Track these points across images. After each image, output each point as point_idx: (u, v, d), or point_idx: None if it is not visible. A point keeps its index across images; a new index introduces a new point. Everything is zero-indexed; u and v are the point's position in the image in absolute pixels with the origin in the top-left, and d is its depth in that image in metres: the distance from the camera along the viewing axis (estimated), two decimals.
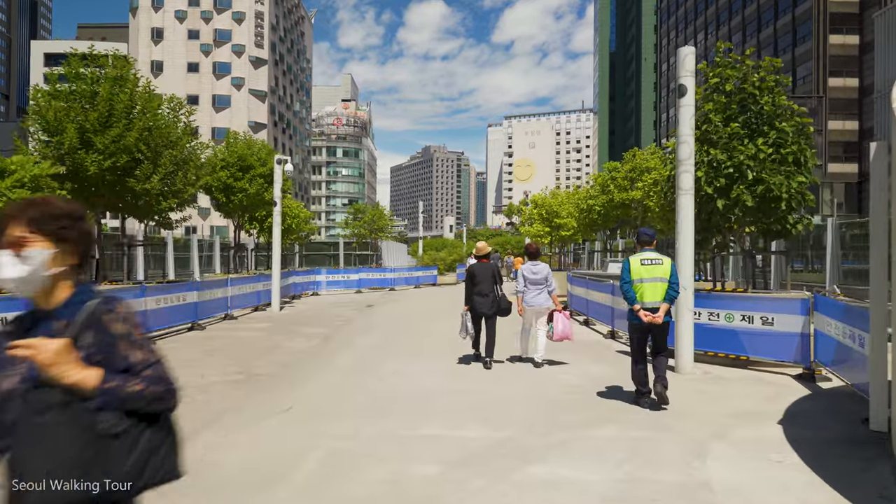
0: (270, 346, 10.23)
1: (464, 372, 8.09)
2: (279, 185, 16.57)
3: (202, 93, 66.63)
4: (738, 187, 8.66)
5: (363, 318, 14.94)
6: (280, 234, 16.59)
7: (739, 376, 7.75)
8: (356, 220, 31.80)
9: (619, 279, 6.27)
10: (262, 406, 6.24)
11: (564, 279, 22.55)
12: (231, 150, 18.84)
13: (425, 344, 10.64)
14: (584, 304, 14.07)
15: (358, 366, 8.52)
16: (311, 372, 8.05)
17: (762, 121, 8.99)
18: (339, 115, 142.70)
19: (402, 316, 15.77)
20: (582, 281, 14.48)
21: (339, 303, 19.63)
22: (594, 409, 6.18)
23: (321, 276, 23.91)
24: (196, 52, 66.91)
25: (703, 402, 6.48)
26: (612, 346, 10.41)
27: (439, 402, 6.43)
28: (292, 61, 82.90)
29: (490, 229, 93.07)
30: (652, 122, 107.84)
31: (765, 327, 7.98)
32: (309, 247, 31.64)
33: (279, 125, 75.08)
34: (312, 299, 21.27)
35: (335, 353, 9.53)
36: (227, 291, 14.67)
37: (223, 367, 8.33)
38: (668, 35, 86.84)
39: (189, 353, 9.64)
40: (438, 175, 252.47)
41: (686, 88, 7.95)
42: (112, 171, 11.86)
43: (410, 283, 28.69)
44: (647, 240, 6.20)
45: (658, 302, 5.94)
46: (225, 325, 13.46)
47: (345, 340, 11.05)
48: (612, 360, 9.06)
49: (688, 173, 7.88)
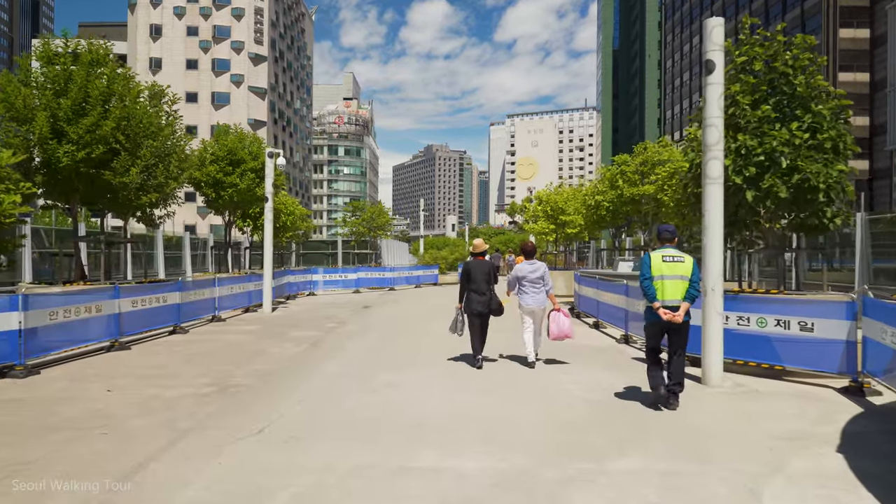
0: (254, 353, 9.37)
1: (464, 382, 7.22)
2: (271, 179, 15.72)
3: (201, 90, 65.82)
4: (770, 177, 7.77)
5: (358, 321, 14.08)
6: (272, 231, 15.75)
7: (776, 389, 6.87)
8: (354, 218, 30.84)
9: (640, 276, 6.05)
10: (230, 426, 5.39)
11: (571, 278, 21.66)
12: (221, 143, 17.95)
13: (422, 348, 9.77)
14: (593, 306, 13.18)
15: (346, 376, 7.65)
16: (293, 383, 7.20)
17: (795, 103, 8.10)
18: (341, 113, 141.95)
19: (399, 318, 14.90)
20: (591, 281, 13.59)
21: (335, 303, 18.79)
22: (613, 428, 5.32)
23: (318, 276, 23.06)
24: (195, 48, 66.09)
25: (742, 422, 5.60)
26: (626, 352, 9.52)
27: (436, 420, 5.57)
28: (292, 58, 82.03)
29: (493, 228, 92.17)
30: (656, 120, 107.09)
31: (803, 333, 7.10)
32: (306, 245, 30.79)
33: (279, 122, 74.22)
34: (308, 300, 20.43)
35: (323, 361, 8.67)
36: (215, 292, 13.83)
37: (198, 377, 7.48)
38: (673, 31, 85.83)
39: (165, 359, 8.80)
40: (441, 174, 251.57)
41: (714, 64, 7.08)
42: (87, 163, 10.97)
43: (411, 282, 27.84)
44: (668, 236, 6.06)
45: (678, 300, 5.79)
46: (211, 327, 12.62)
47: (335, 345, 10.19)
48: (627, 368, 8.19)
49: (716, 160, 6.99)
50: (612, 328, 11.91)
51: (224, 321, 13.70)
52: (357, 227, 29.97)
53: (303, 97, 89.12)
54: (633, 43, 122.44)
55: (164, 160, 12.29)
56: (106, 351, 9.33)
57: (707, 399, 6.46)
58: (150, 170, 11.97)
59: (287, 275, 20.15)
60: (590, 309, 13.76)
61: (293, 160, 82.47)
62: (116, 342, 9.55)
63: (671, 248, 6.00)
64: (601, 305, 12.51)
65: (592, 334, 11.70)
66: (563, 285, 21.45)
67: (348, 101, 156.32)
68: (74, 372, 7.79)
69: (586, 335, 11.54)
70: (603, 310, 12.36)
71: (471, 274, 8.19)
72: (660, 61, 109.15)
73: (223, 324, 13.25)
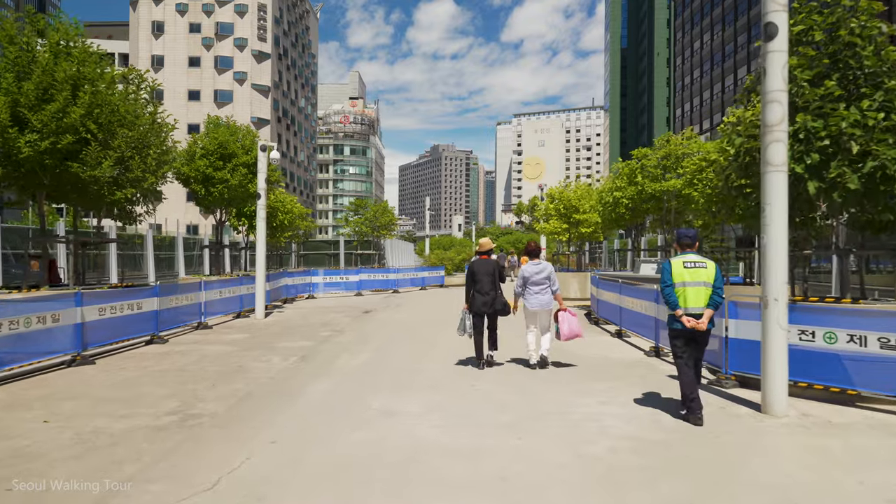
0: (234, 369, 8.22)
1: (475, 409, 6.04)
2: (264, 174, 14.58)
3: (204, 88, 64.79)
4: (837, 164, 6.55)
5: (356, 328, 12.92)
6: (265, 230, 14.60)
7: (851, 420, 5.65)
8: (357, 217, 29.57)
9: (661, 283, 5.86)
10: (180, 476, 4.24)
11: (585, 281, 20.43)
12: (212, 136, 16.80)
13: (426, 363, 8.59)
14: (615, 313, 11.97)
15: (335, 402, 6.48)
16: (270, 412, 6.03)
17: (863, 79, 6.88)
18: (347, 112, 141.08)
19: (401, 324, 13.73)
20: (613, 284, 12.37)
21: (335, 308, 17.64)
22: (667, 479, 4.12)
23: (318, 278, 21.93)
24: (197, 45, 65.04)
25: (828, 470, 4.39)
26: (658, 368, 8.31)
27: (438, 470, 4.39)
28: (297, 56, 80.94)
29: (500, 227, 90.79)
30: (665, 119, 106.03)
31: (884, 352, 5.88)
32: (307, 245, 29.64)
33: (283, 121, 73.08)
34: (306, 303, 19.30)
35: (311, 380, 7.50)
36: (201, 296, 12.72)
37: (160, 401, 6.34)
38: (683, 28, 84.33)
39: (130, 376, 7.67)
40: (447, 174, 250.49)
41: (776, 28, 5.86)
42: (52, 155, 9.83)
43: (416, 284, 26.68)
44: (688, 242, 5.88)
45: (701, 308, 5.63)
46: (194, 336, 11.49)
47: (328, 359, 9.02)
48: (662, 386, 7.01)
49: (779, 143, 5.78)
50: (638, 338, 10.70)
51: (211, 328, 12.58)
52: (360, 227, 28.70)
53: (307, 95, 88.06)
54: (641, 41, 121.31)
55: (142, 152, 11.13)
56: (66, 366, 8.20)
57: (776, 435, 5.25)
58: (126, 162, 10.81)
59: (284, 277, 19.03)
60: (611, 315, 12.55)
61: (297, 159, 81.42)
62: (79, 356, 8.42)
63: (692, 254, 5.81)
64: (625, 312, 11.29)
65: (616, 345, 10.49)
66: (577, 288, 20.24)
67: (354, 100, 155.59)
68: (15, 395, 6.66)
69: (609, 346, 10.33)
70: (627, 317, 11.15)
71: (475, 273, 8.03)
72: (668, 59, 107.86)
73: (209, 332, 12.12)
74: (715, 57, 72.54)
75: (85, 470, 4.37)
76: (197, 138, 17.47)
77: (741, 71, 65.17)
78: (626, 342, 10.78)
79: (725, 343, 7.28)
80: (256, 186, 15.13)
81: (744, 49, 65.18)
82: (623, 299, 11.40)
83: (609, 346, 10.29)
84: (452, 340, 10.77)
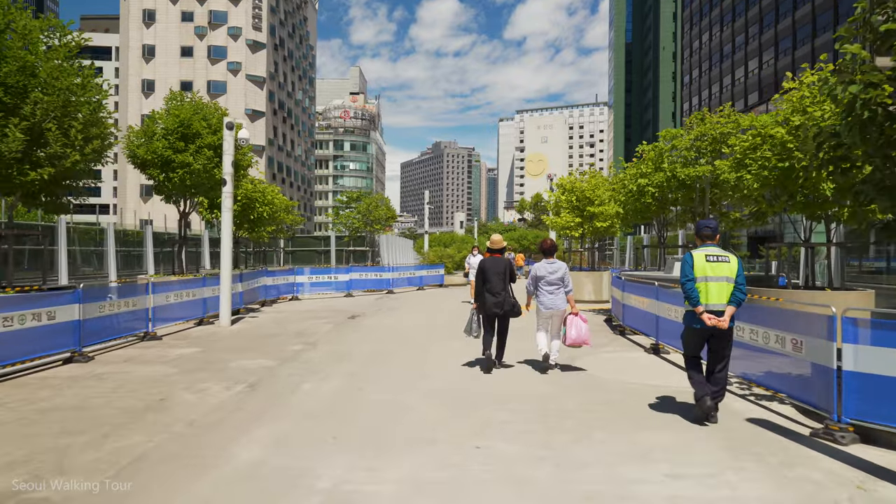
0: (149, 406, 6.06)
1: (481, 493, 3.87)
2: (230, 157, 12.41)
3: (196, 78, 62.49)
4: None
5: (335, 340, 10.76)
6: (230, 221, 12.45)
7: None
8: (349, 210, 27.09)
9: (681, 277, 5.43)
10: None
11: (601, 281, 18.23)
12: (173, 113, 14.55)
13: (415, 397, 6.42)
14: (649, 322, 9.78)
15: (266, 477, 4.30)
16: (164, 495, 3.86)
17: None
18: (347, 107, 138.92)
19: (391, 334, 11.56)
20: (646, 288, 10.16)
21: (318, 311, 15.48)
22: None
23: (303, 277, 19.77)
24: (190, 35, 62.70)
25: None
26: (727, 405, 6.07)
27: None
28: (294, 47, 78.52)
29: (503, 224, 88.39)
30: (670, 114, 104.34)
31: None
32: (295, 242, 27.43)
33: (279, 114, 70.70)
34: (288, 306, 17.16)
35: (245, 430, 5.32)
36: (148, 301, 10.56)
37: (11, 468, 4.18)
38: (692, 19, 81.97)
39: (4, 416, 5.52)
40: (449, 171, 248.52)
41: None
42: None
43: (413, 283, 24.53)
44: (709, 234, 5.54)
45: (723, 304, 5.26)
46: (131, 351, 9.33)
47: (283, 390, 6.85)
48: (753, 439, 4.80)
49: None
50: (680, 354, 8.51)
51: (159, 339, 10.43)
52: (352, 221, 26.20)
53: (305, 88, 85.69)
54: (646, 35, 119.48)
55: (63, 122, 8.91)
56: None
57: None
58: (40, 134, 8.62)
59: (262, 276, 16.88)
60: (642, 325, 10.36)
61: (294, 153, 79.13)
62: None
63: (714, 247, 5.49)
64: (663, 322, 9.11)
65: (655, 366, 8.31)
66: (592, 290, 18.06)
67: (355, 95, 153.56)
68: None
69: (647, 367, 8.14)
70: (666, 328, 8.97)
71: (486, 272, 7.72)
72: (674, 53, 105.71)
73: (153, 344, 9.96)
74: (725, 49, 70.30)
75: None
76: (157, 116, 15.24)
77: (752, 63, 62.89)
78: (667, 361, 8.61)
79: (837, 379, 5.09)
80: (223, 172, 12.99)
81: (754, 40, 62.95)
82: (661, 306, 9.21)
83: (647, 368, 8.11)
84: (450, 356, 8.63)
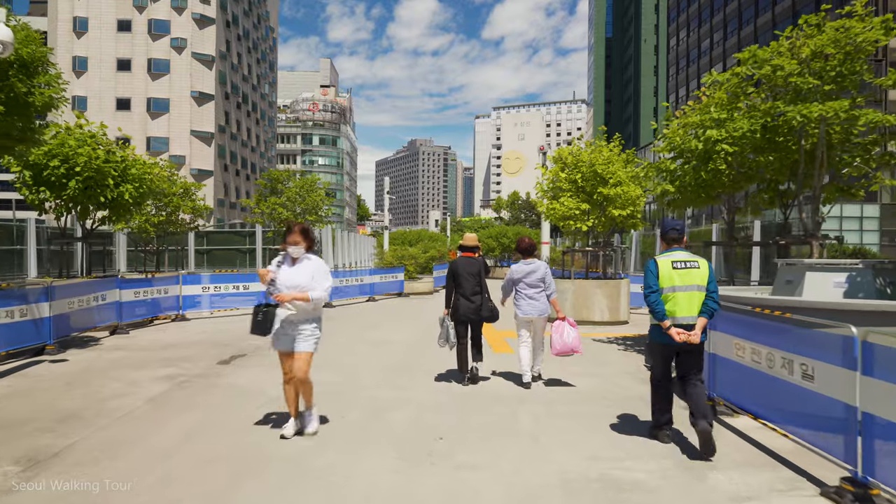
0: None
1: None
2: None
3: (135, 56, 55.61)
4: None
5: (106, 450, 5.11)
6: None
7: None
8: (274, 197, 20.84)
9: (644, 289, 4.70)
10: None
11: (618, 295, 12.81)
12: None
13: None
14: (776, 392, 4.27)
15: None
16: None
17: None
18: (316, 100, 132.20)
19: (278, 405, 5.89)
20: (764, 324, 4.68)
21: (182, 344, 9.78)
22: None
23: (195, 287, 13.96)
24: (128, 7, 55.65)
25: None
26: None
27: None
28: (251, 26, 71.79)
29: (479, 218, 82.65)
30: (652, 109, 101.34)
31: None
32: (212, 239, 21.47)
33: (232, 98, 63.99)
34: (157, 332, 11.42)
35: None
36: None
37: None
38: (679, 6, 77.85)
39: None
40: (424, 169, 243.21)
41: None
42: None
43: (364, 293, 18.88)
44: (675, 235, 4.73)
45: (694, 317, 4.59)
46: None
47: None
48: None
49: None
50: None
51: None
52: (274, 209, 19.86)
53: (263, 72, 78.95)
54: (626, 28, 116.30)
55: None
56: None
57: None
58: None
59: (112, 288, 11.08)
60: (756, 396, 4.88)
61: (251, 143, 72.42)
62: None
63: (681, 251, 4.68)
64: (880, 429, 3.61)
65: None
66: (606, 306, 12.67)
67: (325, 88, 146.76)
68: None
69: None
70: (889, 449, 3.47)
71: (457, 275, 6.95)
72: (656, 46, 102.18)
73: None
74: (715, 38, 66.32)
75: None
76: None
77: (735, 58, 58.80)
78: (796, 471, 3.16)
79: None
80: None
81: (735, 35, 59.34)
82: (871, 388, 3.71)
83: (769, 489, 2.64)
84: None
